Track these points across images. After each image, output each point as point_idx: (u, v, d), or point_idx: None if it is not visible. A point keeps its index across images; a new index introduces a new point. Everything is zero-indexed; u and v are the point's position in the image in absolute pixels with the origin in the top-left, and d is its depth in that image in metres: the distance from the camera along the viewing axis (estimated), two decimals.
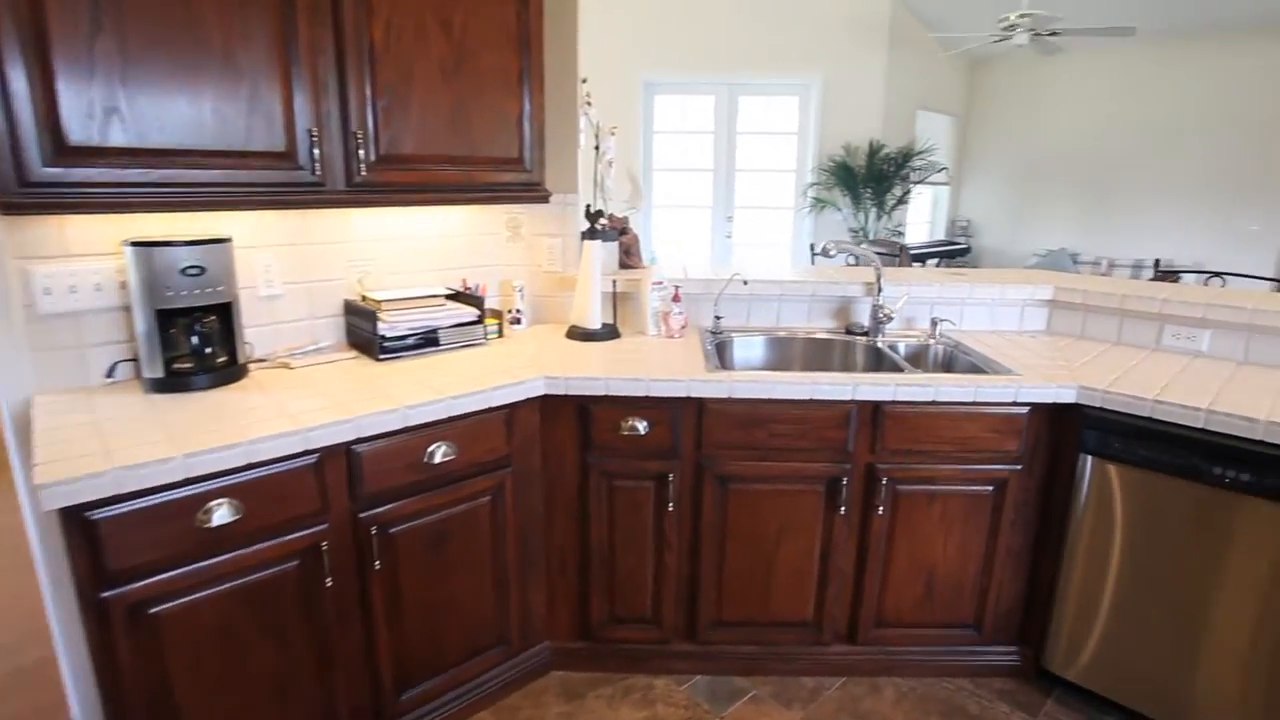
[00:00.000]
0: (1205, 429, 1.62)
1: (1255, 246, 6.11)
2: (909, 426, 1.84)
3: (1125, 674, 1.83)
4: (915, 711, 1.91)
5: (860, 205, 6.33)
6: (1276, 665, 1.60)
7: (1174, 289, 2.35)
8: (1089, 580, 1.85)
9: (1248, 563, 1.61)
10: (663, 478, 1.88)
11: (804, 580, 1.98)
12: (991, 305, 2.42)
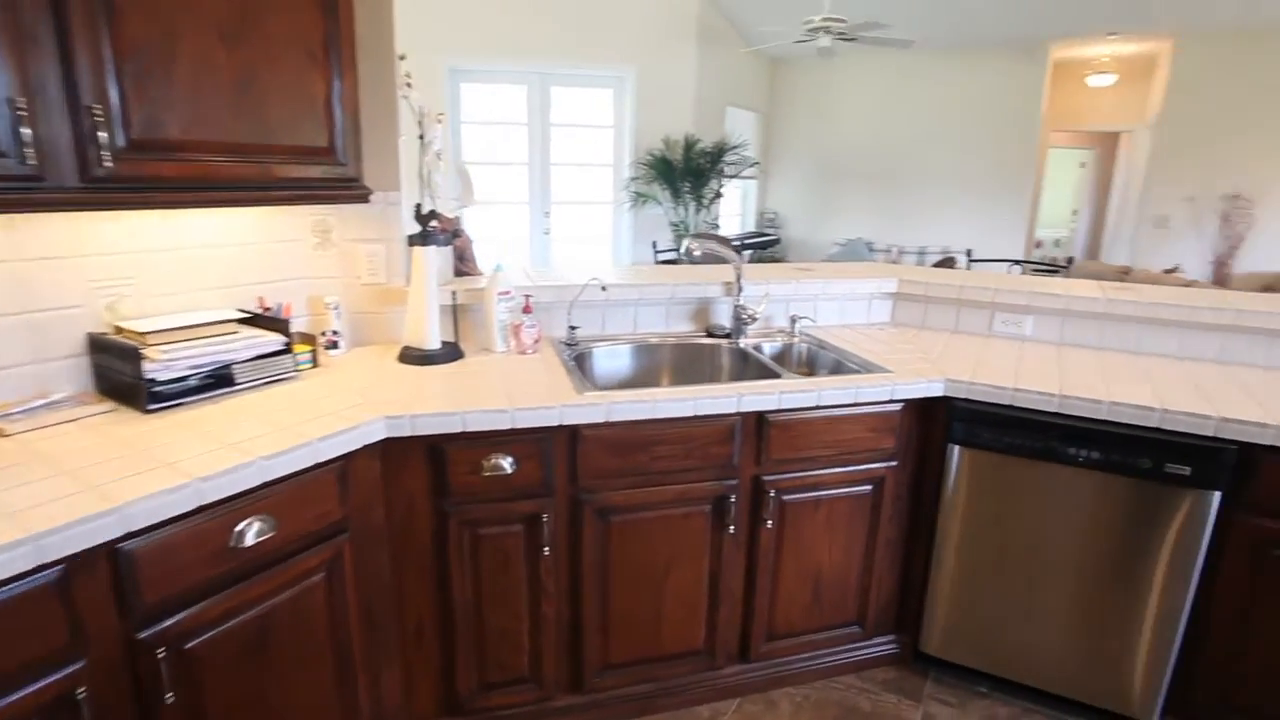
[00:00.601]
0: (1059, 412, 1.73)
1: (1011, 232, 7.14)
2: (793, 434, 1.78)
3: (993, 645, 1.93)
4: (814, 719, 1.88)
5: (680, 200, 6.43)
6: (1123, 622, 1.76)
7: (1002, 279, 2.56)
8: (958, 564, 1.93)
9: (1099, 533, 1.75)
10: (535, 519, 1.64)
11: (695, 608, 1.85)
12: (841, 300, 2.46)
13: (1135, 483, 1.68)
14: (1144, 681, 1.77)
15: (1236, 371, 1.97)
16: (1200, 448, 1.60)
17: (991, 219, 7.19)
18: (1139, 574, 1.72)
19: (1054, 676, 1.88)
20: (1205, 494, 1.62)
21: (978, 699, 1.95)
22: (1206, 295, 2.25)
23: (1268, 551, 1.60)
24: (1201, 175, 6.04)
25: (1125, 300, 2.13)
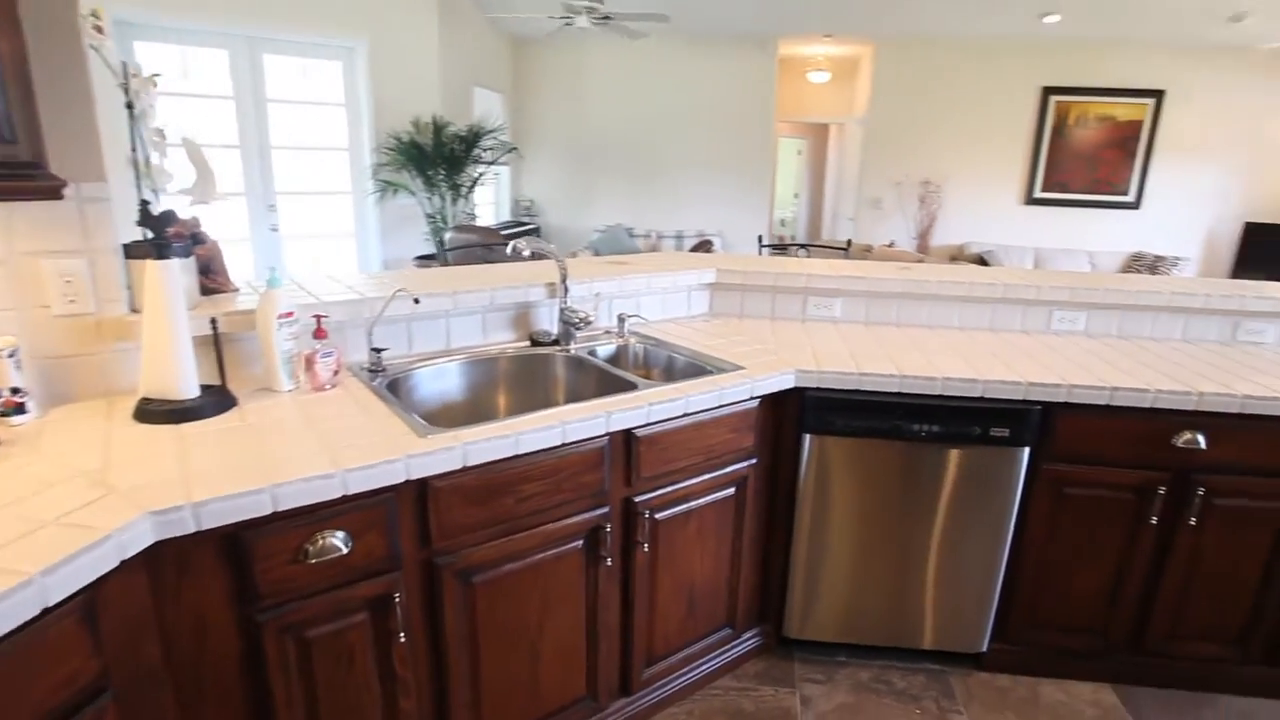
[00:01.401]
0: (900, 392, 1.83)
1: (755, 215, 7.83)
2: (662, 447, 1.66)
3: (848, 617, 2.04)
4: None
5: (435, 189, 5.97)
6: (959, 571, 1.95)
7: (811, 265, 2.69)
8: (813, 547, 1.98)
9: (937, 497, 1.90)
10: (383, 601, 1.31)
11: (573, 654, 1.66)
12: (663, 294, 2.40)
13: (967, 448, 1.85)
14: (976, 617, 1.99)
15: (1008, 338, 2.29)
16: (1014, 411, 1.81)
17: (739, 203, 7.81)
18: (971, 527, 1.91)
19: (904, 631, 2.03)
20: (1019, 450, 1.84)
21: (841, 669, 2.04)
22: (981, 273, 2.59)
23: (1062, 489, 1.87)
24: (904, 163, 7.17)
25: (921, 280, 2.36)
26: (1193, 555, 1.87)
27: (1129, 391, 1.77)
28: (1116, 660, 2.00)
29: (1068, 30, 6.23)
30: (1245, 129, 6.65)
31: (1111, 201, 6.95)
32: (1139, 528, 1.87)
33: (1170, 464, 1.81)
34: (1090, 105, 6.69)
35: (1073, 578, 1.94)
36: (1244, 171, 6.78)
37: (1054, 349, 2.14)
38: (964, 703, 1.91)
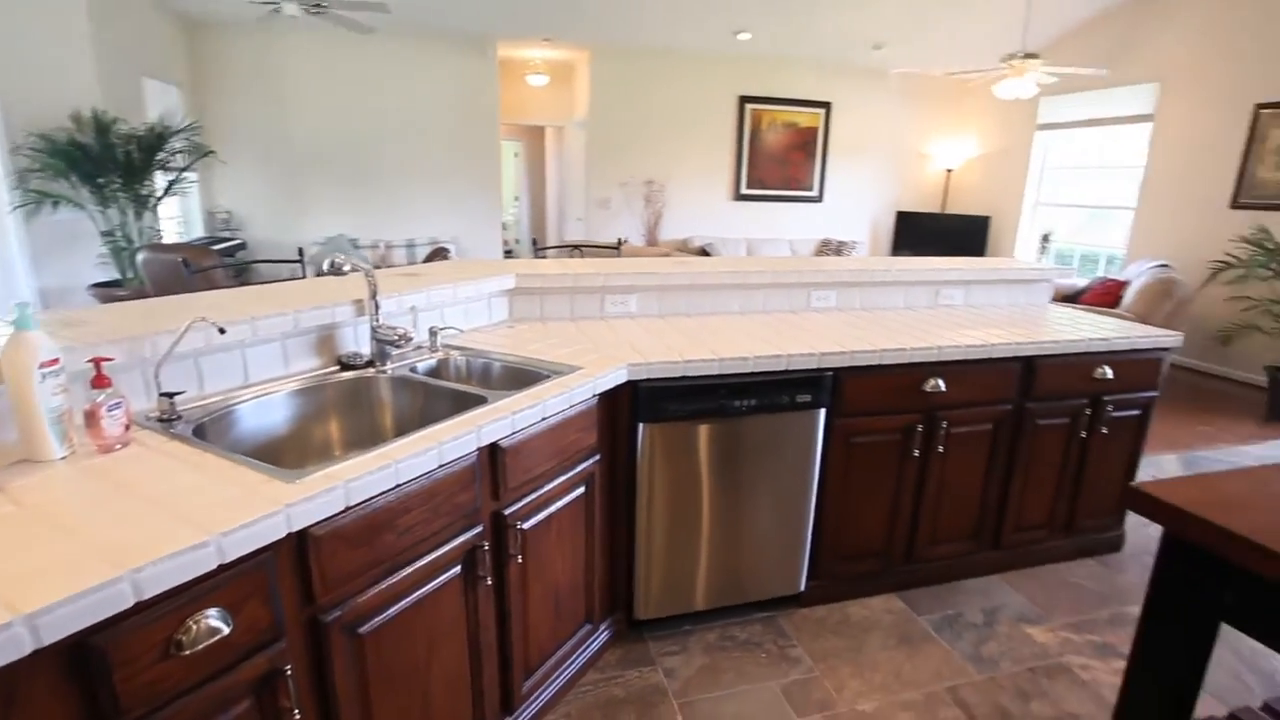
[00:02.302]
0: (720, 374, 2.07)
1: (488, 220, 7.83)
2: (524, 455, 1.68)
3: (690, 588, 2.24)
4: None
5: (110, 200, 5.02)
6: (779, 524, 2.26)
7: (607, 265, 2.83)
8: (653, 529, 2.15)
9: (757, 462, 2.19)
10: (272, 678, 1.16)
11: (460, 685, 1.61)
12: (466, 303, 2.37)
13: (778, 416, 2.16)
14: (793, 562, 2.32)
15: (782, 317, 2.69)
16: (812, 379, 2.16)
17: (470, 208, 7.75)
18: (784, 484, 2.23)
19: (737, 589, 2.29)
20: (817, 411, 2.20)
21: (689, 637, 2.23)
22: (753, 263, 2.97)
23: (850, 439, 2.27)
24: (627, 165, 7.72)
25: (707, 273, 2.65)
26: (941, 476, 2.41)
27: (893, 351, 2.22)
28: (897, 573, 2.49)
29: (757, 47, 7.28)
30: (889, 136, 8.40)
31: (801, 196, 8.28)
32: (905, 462, 2.35)
33: (923, 406, 2.31)
34: (778, 113, 7.89)
35: (863, 512, 2.37)
36: (893, 170, 8.57)
37: (820, 324, 2.58)
38: (796, 638, 2.23)
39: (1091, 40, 6.77)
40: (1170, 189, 6.20)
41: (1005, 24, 6.38)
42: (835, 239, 8.11)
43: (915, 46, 7.23)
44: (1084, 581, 2.59)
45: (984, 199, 8.29)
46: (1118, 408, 2.61)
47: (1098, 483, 2.68)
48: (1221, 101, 5.76)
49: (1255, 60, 5.51)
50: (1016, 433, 2.50)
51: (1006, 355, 2.38)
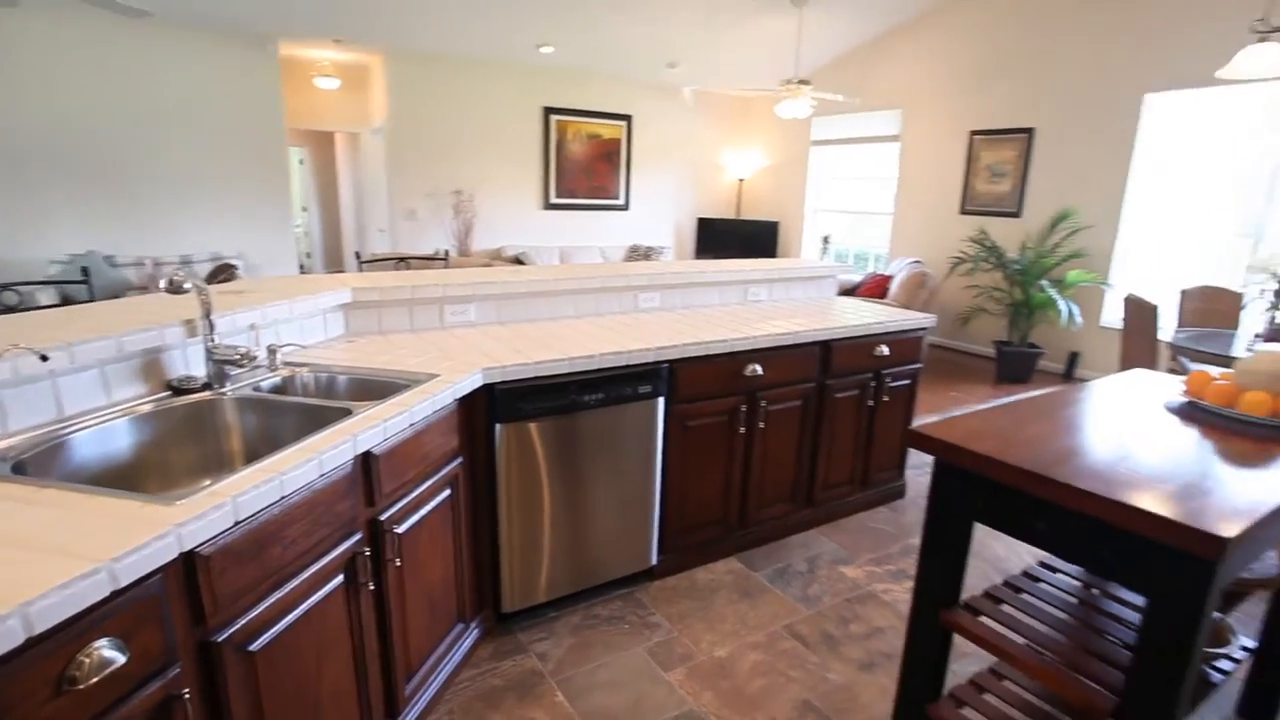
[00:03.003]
0: (570, 372, 2.25)
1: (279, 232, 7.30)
2: (395, 462, 1.74)
3: (552, 576, 2.40)
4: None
5: None
6: (631, 505, 2.49)
7: (447, 274, 2.86)
8: (514, 524, 2.28)
9: (608, 451, 2.39)
10: (168, 707, 1.15)
11: (347, 695, 1.64)
12: (302, 319, 2.34)
13: (622, 407, 2.38)
14: (644, 539, 2.56)
15: (614, 318, 2.92)
16: (651, 371, 2.40)
17: (257, 220, 7.20)
18: (632, 469, 2.46)
19: (595, 571, 2.48)
20: (657, 400, 2.45)
21: (556, 622, 2.38)
22: (586, 269, 3.16)
23: (686, 424, 2.56)
24: (434, 174, 7.61)
25: (544, 280, 2.81)
26: (764, 449, 2.78)
27: (717, 343, 2.53)
28: (735, 537, 2.82)
29: (560, 60, 7.54)
30: (687, 148, 9.06)
31: (608, 204, 8.67)
32: (733, 439, 2.68)
33: (744, 389, 2.65)
34: (582, 125, 8.21)
35: (701, 488, 2.66)
36: (692, 180, 9.25)
37: (649, 323, 2.85)
38: (653, 607, 2.47)
39: (850, 70, 7.85)
40: (916, 198, 7.38)
41: (781, 52, 7.21)
42: (643, 245, 8.60)
43: (705, 67, 7.90)
44: (880, 525, 3.11)
45: (773, 205, 9.24)
46: (894, 379, 3.16)
47: (884, 442, 3.22)
48: (948, 127, 6.98)
49: (969, 95, 6.76)
50: (820, 406, 2.94)
51: (809, 340, 2.81)
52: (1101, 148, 5.88)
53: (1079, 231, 5.96)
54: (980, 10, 6.59)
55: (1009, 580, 1.85)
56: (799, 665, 2.19)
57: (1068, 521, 1.38)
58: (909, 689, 1.76)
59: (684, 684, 2.09)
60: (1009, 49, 6.42)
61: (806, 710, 2.00)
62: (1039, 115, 6.27)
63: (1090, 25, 5.84)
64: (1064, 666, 1.51)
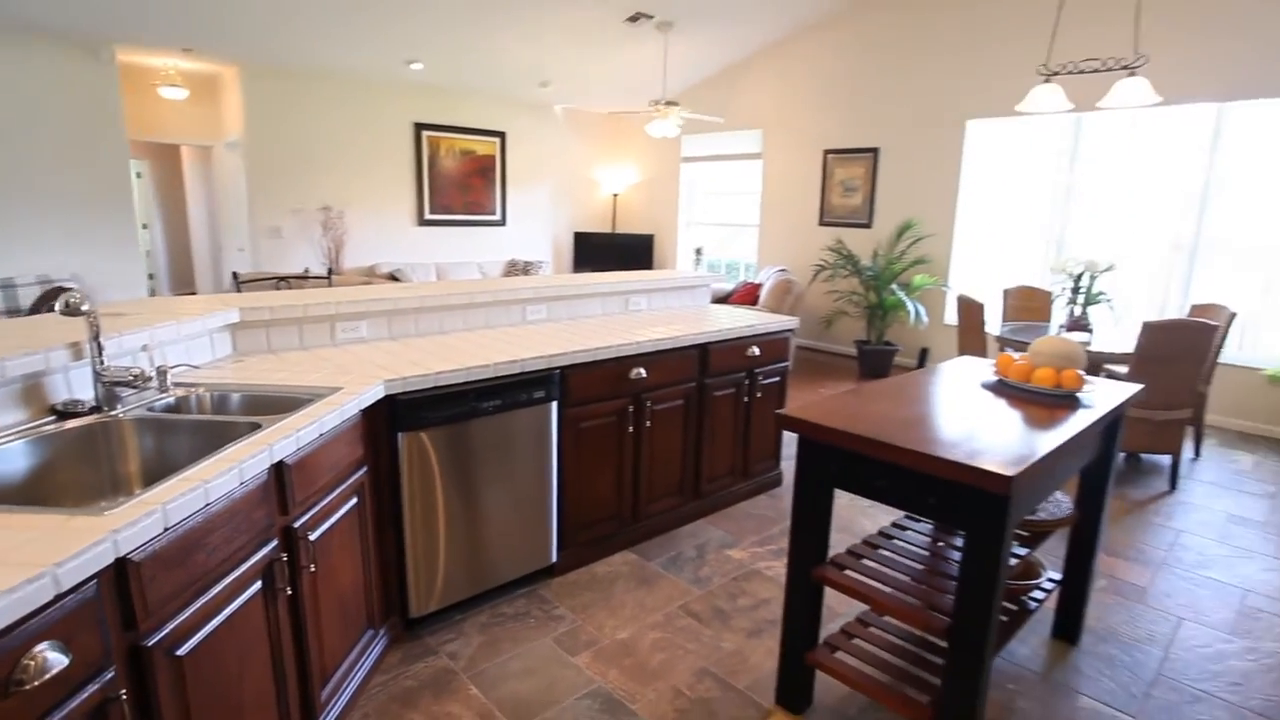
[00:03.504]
0: (469, 380, 2.39)
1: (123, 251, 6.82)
2: (306, 471, 1.83)
3: (456, 579, 2.52)
4: None
5: None
6: (531, 505, 2.66)
7: (337, 292, 2.90)
8: (421, 530, 2.39)
9: (508, 454, 2.55)
10: (104, 709, 1.22)
11: (267, 699, 1.71)
12: (189, 340, 2.34)
13: (519, 412, 2.55)
14: (544, 538, 2.73)
15: (505, 330, 3.08)
16: (544, 378, 2.59)
17: (95, 238, 6.72)
18: (529, 471, 2.63)
19: (498, 571, 2.62)
20: (550, 405, 2.64)
21: (464, 624, 2.50)
22: (477, 285, 3.28)
23: (578, 426, 2.76)
24: (299, 191, 7.39)
25: (437, 295, 2.92)
26: (651, 446, 3.03)
27: (604, 349, 2.75)
28: (628, 531, 3.04)
29: (431, 77, 7.56)
30: (562, 164, 9.30)
31: (485, 220, 8.74)
32: (623, 438, 2.91)
33: (630, 391, 2.89)
34: (455, 141, 8.25)
35: (595, 485, 2.87)
36: (568, 195, 9.49)
37: (538, 334, 3.03)
38: (556, 601, 2.64)
39: (715, 91, 8.38)
40: (779, 211, 7.99)
41: (650, 73, 7.61)
42: (522, 259, 8.73)
43: (577, 86, 8.18)
44: (761, 511, 3.44)
45: (647, 219, 9.64)
46: (765, 376, 3.51)
47: (760, 435, 3.56)
48: (805, 146, 7.64)
49: (822, 117, 7.44)
50: (701, 404, 3.23)
51: (688, 344, 3.09)
52: (936, 165, 6.66)
53: (921, 240, 6.70)
54: (829, 40, 7.29)
55: (867, 540, 2.18)
56: (694, 639, 2.43)
57: (902, 477, 1.70)
58: (790, 641, 2.04)
59: (591, 665, 2.28)
60: (855, 77, 7.14)
61: (703, 675, 2.25)
62: (883, 136, 7.02)
63: (922, 59, 6.63)
64: (909, 600, 1.85)
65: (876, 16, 6.89)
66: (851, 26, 7.08)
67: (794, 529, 1.98)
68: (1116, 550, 3.18)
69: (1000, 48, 6.07)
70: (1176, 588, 2.86)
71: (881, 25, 6.87)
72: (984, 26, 6.18)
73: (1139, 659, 2.39)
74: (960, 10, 6.32)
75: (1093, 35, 5.34)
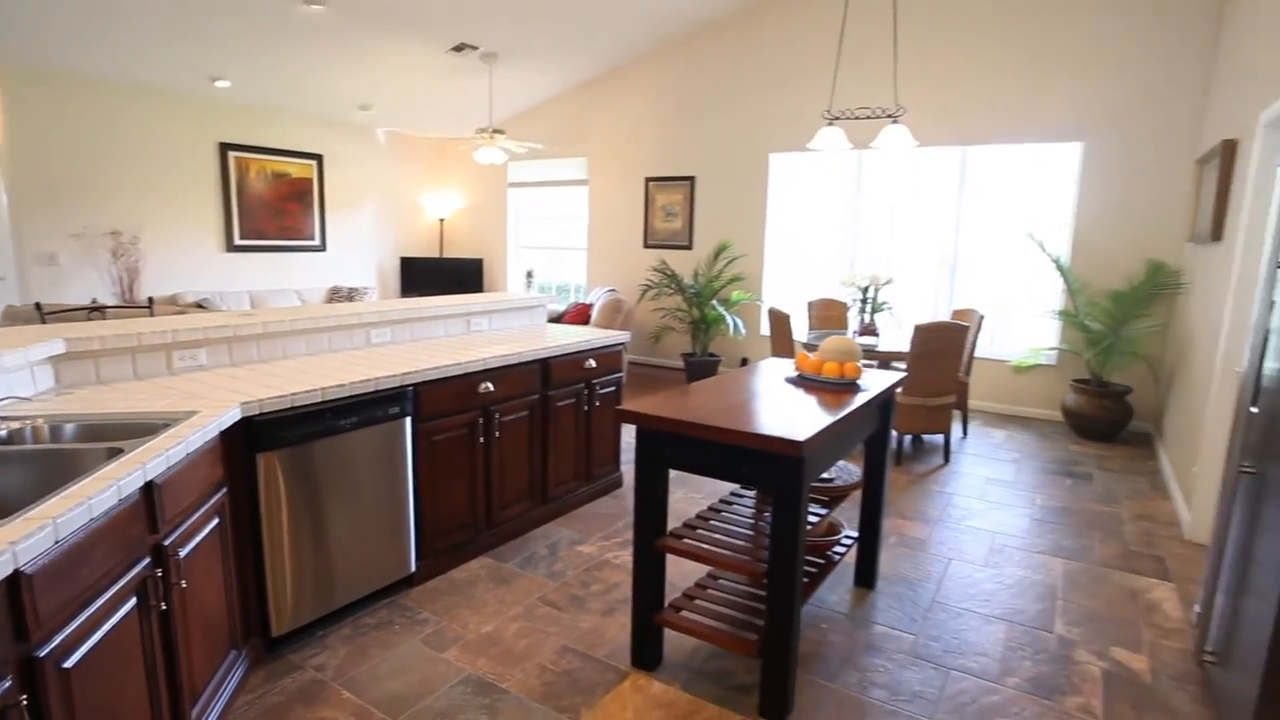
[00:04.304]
0: (324, 401, 2.53)
1: None
2: (174, 490, 1.91)
3: (318, 596, 2.63)
4: None
5: None
6: (390, 518, 2.82)
7: (173, 321, 2.87)
8: (280, 548, 2.48)
9: (367, 469, 2.70)
10: (4, 717, 1.30)
11: (141, 714, 1.78)
12: (6, 374, 2.30)
13: (375, 428, 2.71)
14: (402, 549, 2.89)
15: (351, 354, 3.21)
16: (398, 395, 2.78)
17: None
18: (387, 484, 2.79)
19: (361, 584, 2.75)
20: (405, 420, 2.82)
21: (327, 638, 2.59)
22: (321, 310, 3.36)
23: (432, 439, 2.96)
24: (81, 214, 6.78)
25: (279, 321, 3.00)
26: (501, 456, 3.28)
27: (453, 366, 2.98)
28: (484, 537, 3.26)
29: (240, 96, 7.28)
30: (386, 188, 9.23)
31: (303, 245, 8.47)
32: (474, 450, 3.14)
33: (479, 404, 3.13)
34: (267, 163, 7.96)
35: (450, 496, 3.07)
36: (392, 219, 9.41)
37: (385, 355, 3.19)
38: (419, 608, 2.81)
39: (541, 120, 8.77)
40: (606, 234, 8.52)
41: (476, 101, 7.84)
42: (345, 286, 8.55)
43: (400, 111, 8.23)
44: (605, 510, 3.79)
45: (475, 243, 9.80)
46: (602, 387, 3.88)
47: (600, 441, 3.93)
48: (628, 173, 8.23)
49: (642, 146, 8.08)
50: (545, 415, 3.53)
51: (531, 359, 3.39)
52: (746, 192, 7.49)
53: (736, 259, 7.47)
54: (649, 76, 7.95)
55: (699, 514, 2.60)
56: (554, 623, 2.72)
57: (722, 452, 2.13)
58: (640, 607, 2.40)
59: (460, 658, 2.49)
60: (673, 110, 7.84)
61: (566, 652, 2.53)
62: (698, 165, 7.76)
63: (731, 97, 7.45)
64: (735, 556, 2.27)
65: (690, 58, 7.65)
66: (669, 65, 7.79)
67: (637, 507, 2.34)
68: (904, 514, 3.87)
69: (795, 92, 7.00)
70: (948, 537, 3.57)
71: (694, 66, 7.63)
72: (782, 72, 7.10)
73: (919, 593, 3.00)
74: (762, 56, 7.20)
75: (866, 87, 6.34)
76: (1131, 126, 5.62)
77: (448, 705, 2.24)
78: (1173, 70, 5.43)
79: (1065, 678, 2.43)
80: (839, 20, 6.06)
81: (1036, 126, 5.99)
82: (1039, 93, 5.93)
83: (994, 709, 2.27)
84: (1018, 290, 6.39)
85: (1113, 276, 5.74)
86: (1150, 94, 5.53)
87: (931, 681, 2.40)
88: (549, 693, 2.30)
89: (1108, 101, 5.68)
